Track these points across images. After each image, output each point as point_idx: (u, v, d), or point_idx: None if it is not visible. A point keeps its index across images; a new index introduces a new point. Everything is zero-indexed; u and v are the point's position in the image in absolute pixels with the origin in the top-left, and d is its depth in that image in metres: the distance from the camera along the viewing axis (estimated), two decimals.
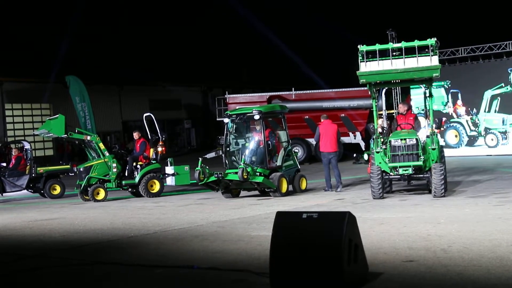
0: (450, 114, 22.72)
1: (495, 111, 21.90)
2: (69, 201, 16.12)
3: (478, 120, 22.22)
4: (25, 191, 17.90)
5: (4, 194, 17.48)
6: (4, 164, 18.41)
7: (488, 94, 21.91)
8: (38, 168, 17.54)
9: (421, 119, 13.37)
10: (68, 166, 18.10)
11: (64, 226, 10.83)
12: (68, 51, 34.55)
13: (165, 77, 40.42)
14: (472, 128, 22.35)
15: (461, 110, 22.58)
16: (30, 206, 15.54)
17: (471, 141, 22.40)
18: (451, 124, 22.69)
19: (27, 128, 33.52)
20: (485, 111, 22.05)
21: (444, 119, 22.56)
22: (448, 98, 22.75)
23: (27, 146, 18.26)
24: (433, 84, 12.35)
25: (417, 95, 20.97)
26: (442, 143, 21.78)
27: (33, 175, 17.43)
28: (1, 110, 33.45)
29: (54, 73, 31.85)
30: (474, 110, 22.24)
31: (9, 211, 14.47)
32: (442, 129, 21.71)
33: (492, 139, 21.97)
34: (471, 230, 7.93)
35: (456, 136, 22.63)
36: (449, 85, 22.58)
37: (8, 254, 8.42)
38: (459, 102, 22.60)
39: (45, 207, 14.85)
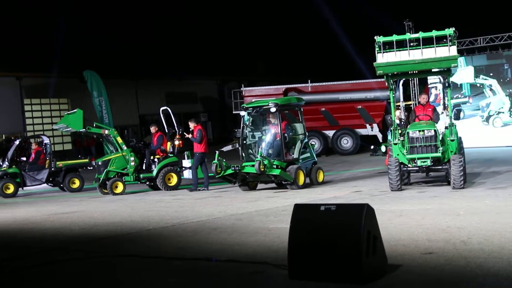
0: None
1: None
2: (88, 194, 16.28)
3: None
4: (45, 185, 18.12)
5: (24, 188, 17.72)
6: (24, 159, 18.66)
7: None
8: (57, 162, 17.73)
9: (439, 109, 13.23)
10: (87, 160, 18.29)
11: (84, 219, 10.94)
12: (85, 46, 34.81)
13: (181, 70, 40.54)
14: None
15: None
16: (50, 200, 15.73)
17: None
18: None
19: (46, 122, 33.88)
20: None
21: (470, 101, 22.05)
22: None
23: (46, 140, 18.46)
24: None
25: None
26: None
27: (53, 169, 17.63)
28: (20, 105, 33.84)
29: (72, 68, 32.12)
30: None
31: (30, 205, 14.66)
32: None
33: None
34: (491, 221, 7.85)
35: None
36: None
37: (30, 247, 8.54)
38: None
39: (65, 201, 15.02)
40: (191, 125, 15.09)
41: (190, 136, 15.06)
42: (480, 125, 22.27)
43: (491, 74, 22.28)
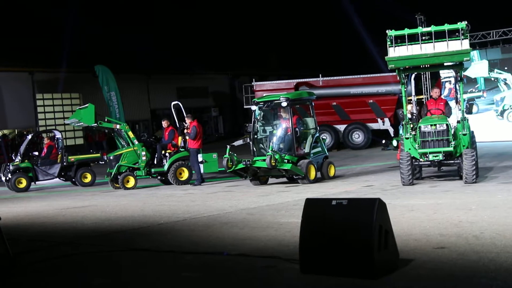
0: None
1: None
2: (100, 189, 16.38)
3: None
4: (57, 179, 18.25)
5: (37, 182, 17.86)
6: (36, 153, 18.80)
7: None
8: (69, 157, 17.85)
9: (452, 104, 13.14)
10: (99, 155, 18.40)
11: (96, 214, 11.02)
12: (97, 41, 34.92)
13: (193, 65, 40.58)
14: None
15: None
16: (62, 194, 15.85)
17: None
18: None
19: (58, 117, 34.08)
20: None
21: (484, 95, 21.83)
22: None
23: (58, 135, 18.58)
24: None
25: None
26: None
27: (65, 163, 17.75)
28: (32, 100, 34.07)
29: (83, 63, 32.27)
30: None
31: (42, 199, 14.78)
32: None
33: None
34: (504, 216, 7.80)
35: None
36: None
37: (42, 241, 8.61)
38: None
39: (77, 195, 15.12)
40: (188, 121, 15.21)
41: (186, 131, 15.19)
42: (494, 119, 22.09)
43: (506, 68, 22.07)
